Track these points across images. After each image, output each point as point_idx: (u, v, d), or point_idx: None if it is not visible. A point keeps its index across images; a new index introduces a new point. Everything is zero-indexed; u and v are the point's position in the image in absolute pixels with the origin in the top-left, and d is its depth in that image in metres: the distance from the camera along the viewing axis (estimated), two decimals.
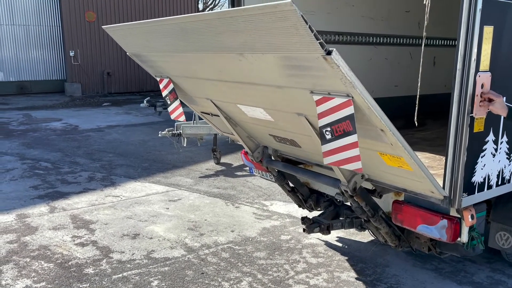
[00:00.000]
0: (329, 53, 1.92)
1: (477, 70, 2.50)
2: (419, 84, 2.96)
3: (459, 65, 2.48)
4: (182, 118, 3.70)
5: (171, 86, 3.43)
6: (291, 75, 2.29)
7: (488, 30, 2.51)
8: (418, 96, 3.03)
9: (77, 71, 16.08)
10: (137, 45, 3.23)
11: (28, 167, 7.03)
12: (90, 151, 8.13)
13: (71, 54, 15.86)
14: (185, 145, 7.21)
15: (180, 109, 3.65)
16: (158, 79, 3.52)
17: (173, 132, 7.15)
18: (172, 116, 3.73)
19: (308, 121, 2.61)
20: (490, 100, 2.53)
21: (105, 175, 6.68)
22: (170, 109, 3.70)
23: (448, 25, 5.75)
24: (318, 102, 2.24)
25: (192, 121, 7.18)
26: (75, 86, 16.06)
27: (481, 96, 2.54)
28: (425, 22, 2.69)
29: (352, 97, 2.11)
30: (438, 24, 5.57)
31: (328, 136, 2.26)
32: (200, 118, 8.34)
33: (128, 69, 16.92)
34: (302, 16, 1.80)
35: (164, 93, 3.58)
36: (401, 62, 5.57)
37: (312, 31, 1.87)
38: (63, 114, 12.15)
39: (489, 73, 2.57)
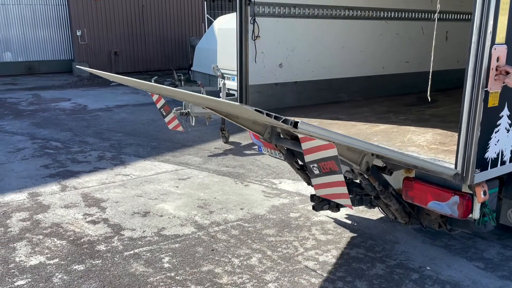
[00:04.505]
0: (295, 125, 1.93)
1: (492, 42, 2.43)
2: (432, 59, 2.90)
3: (474, 38, 2.41)
4: (180, 128, 3.83)
5: (162, 100, 3.55)
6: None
7: (505, 1, 2.43)
8: (431, 72, 2.97)
9: (85, 51, 16.02)
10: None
11: (39, 146, 7.09)
12: (99, 130, 8.16)
13: (78, 33, 15.76)
14: (193, 124, 7.20)
15: (176, 121, 3.80)
16: (149, 93, 3.60)
17: (182, 111, 7.13)
18: (170, 127, 3.88)
19: None
20: (507, 73, 2.47)
21: (114, 154, 6.71)
22: (166, 120, 3.83)
23: None
24: (302, 140, 2.24)
25: None
26: (83, 66, 16.05)
27: (496, 70, 2.47)
28: None
29: (334, 142, 2.13)
30: None
31: (316, 172, 2.29)
32: None
33: (135, 49, 16.83)
34: (256, 109, 1.87)
35: (158, 106, 3.72)
36: (412, 38, 5.46)
37: (270, 116, 1.91)
38: (71, 94, 12.17)
39: (505, 46, 2.50)
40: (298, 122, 1.92)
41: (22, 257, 3.73)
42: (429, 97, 2.89)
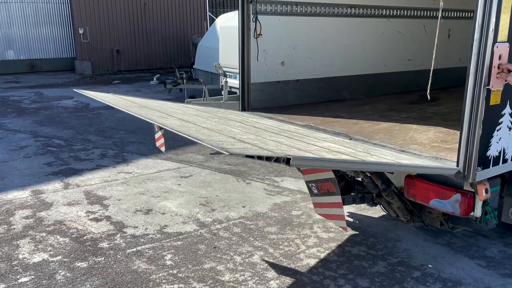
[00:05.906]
0: (287, 162, 1.99)
1: (495, 40, 2.43)
2: (433, 57, 2.90)
3: (476, 36, 2.41)
4: (163, 149, 3.99)
5: None
6: None
7: None
8: (432, 70, 2.97)
9: (87, 49, 16.04)
10: None
11: (41, 144, 7.11)
12: (101, 128, 8.18)
13: (80, 31, 15.79)
14: None
15: (162, 140, 3.93)
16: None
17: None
18: (157, 144, 4.01)
19: None
20: (509, 71, 2.47)
21: (117, 152, 6.73)
22: (156, 136, 4.00)
23: None
24: None
25: (202, 98, 7.17)
26: (85, 64, 16.06)
27: (498, 68, 2.47)
28: None
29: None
30: None
31: (315, 191, 2.35)
32: (210, 95, 8.33)
33: (138, 47, 16.85)
34: (246, 155, 2.02)
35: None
36: (414, 35, 5.46)
37: (262, 158, 2.05)
38: (74, 92, 12.19)
39: (507, 44, 2.50)
40: (290, 159, 1.97)
41: (25, 254, 3.75)
42: (428, 95, 2.89)
